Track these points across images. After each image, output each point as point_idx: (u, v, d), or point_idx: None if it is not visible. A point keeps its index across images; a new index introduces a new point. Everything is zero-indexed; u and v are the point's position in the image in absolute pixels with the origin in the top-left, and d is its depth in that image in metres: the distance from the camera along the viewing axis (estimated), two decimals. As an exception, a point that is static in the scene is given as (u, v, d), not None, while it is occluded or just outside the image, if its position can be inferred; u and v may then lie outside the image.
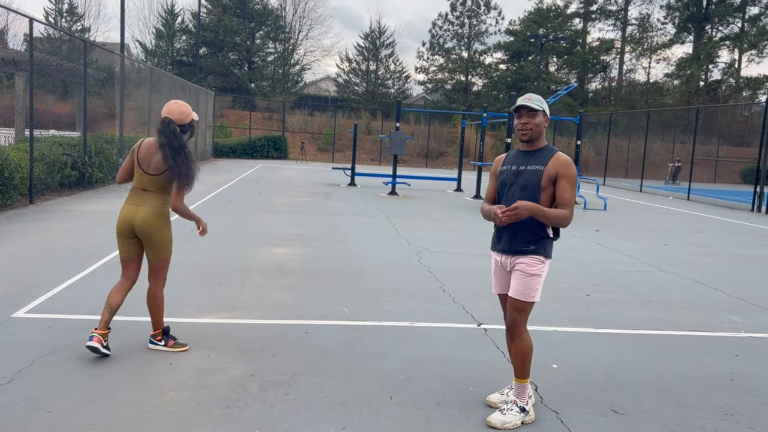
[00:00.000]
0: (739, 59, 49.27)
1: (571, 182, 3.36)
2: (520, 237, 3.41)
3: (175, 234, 8.62)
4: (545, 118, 3.45)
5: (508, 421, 3.36)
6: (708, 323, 5.64)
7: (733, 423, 3.56)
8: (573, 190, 3.37)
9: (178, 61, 43.57)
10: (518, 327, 3.45)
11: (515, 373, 3.47)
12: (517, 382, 3.46)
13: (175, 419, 3.23)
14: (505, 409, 3.41)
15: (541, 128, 3.44)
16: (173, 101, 4.28)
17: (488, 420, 3.38)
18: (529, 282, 3.39)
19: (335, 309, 5.40)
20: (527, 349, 3.45)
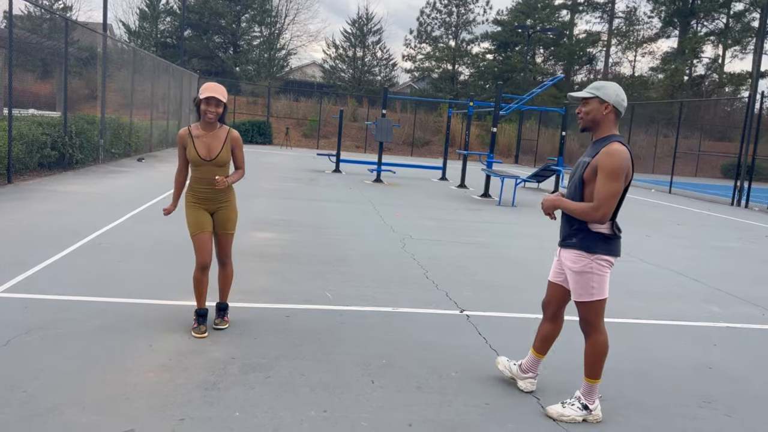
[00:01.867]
0: (723, 55, 49.70)
1: (605, 173, 3.12)
2: (563, 229, 3.38)
3: (154, 216, 8.54)
4: (603, 104, 3.25)
5: (566, 414, 3.34)
6: (687, 313, 5.70)
7: (711, 410, 3.60)
8: (606, 182, 3.11)
9: (162, 43, 42.93)
10: (586, 327, 3.37)
11: (584, 371, 3.39)
12: (585, 380, 3.39)
13: (152, 400, 3.19)
14: (566, 403, 3.40)
15: (595, 116, 3.27)
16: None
17: (546, 409, 3.41)
18: (579, 280, 3.30)
19: (318, 294, 5.37)
20: (598, 350, 3.34)
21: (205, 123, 4.14)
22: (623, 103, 3.29)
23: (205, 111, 4.05)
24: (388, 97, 18.40)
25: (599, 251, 3.24)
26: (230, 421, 3.04)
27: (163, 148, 22.46)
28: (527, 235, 9.46)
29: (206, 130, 4.15)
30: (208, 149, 4.13)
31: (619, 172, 3.13)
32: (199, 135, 4.14)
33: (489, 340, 4.53)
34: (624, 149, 3.17)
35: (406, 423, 3.16)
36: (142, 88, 20.01)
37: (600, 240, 3.24)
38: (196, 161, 4.13)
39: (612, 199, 3.13)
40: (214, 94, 4.01)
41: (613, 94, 3.26)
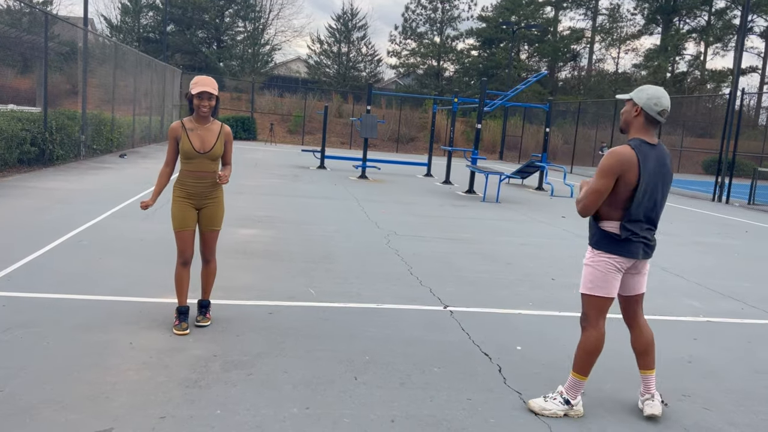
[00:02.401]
0: (705, 52, 50.24)
1: (597, 172, 3.24)
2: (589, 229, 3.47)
3: (136, 213, 8.46)
4: (634, 107, 3.28)
5: (548, 408, 3.36)
6: (669, 308, 5.76)
7: (690, 403, 3.64)
8: (594, 179, 3.24)
9: (145, 38, 42.53)
10: (583, 320, 3.41)
11: (573, 365, 3.41)
12: (571, 375, 3.40)
13: (133, 398, 3.16)
14: (548, 397, 3.41)
15: (627, 117, 3.33)
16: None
17: (528, 403, 3.43)
18: (583, 272, 3.41)
19: (301, 291, 5.36)
20: (587, 345, 3.34)
21: (198, 117, 4.14)
22: (655, 108, 3.24)
23: (199, 105, 4.06)
24: (372, 93, 18.37)
25: (603, 248, 3.30)
26: (211, 419, 3.02)
27: (146, 144, 22.26)
28: (511, 232, 9.50)
29: (200, 123, 4.16)
30: (202, 142, 4.14)
31: (607, 170, 3.19)
32: (193, 128, 4.14)
33: (472, 335, 4.54)
34: (624, 150, 3.21)
35: (389, 419, 3.16)
36: (124, 84, 19.80)
37: (606, 239, 3.29)
38: (190, 153, 4.12)
39: (593, 195, 3.21)
40: (205, 88, 4.01)
41: (645, 97, 3.26)
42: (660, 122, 3.29)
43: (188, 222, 4.19)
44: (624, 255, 3.27)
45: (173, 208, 4.22)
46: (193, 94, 4.03)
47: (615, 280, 3.32)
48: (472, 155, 15.52)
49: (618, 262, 3.29)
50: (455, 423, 3.17)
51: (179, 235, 4.19)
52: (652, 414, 3.36)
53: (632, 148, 3.21)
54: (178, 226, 4.18)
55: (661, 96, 3.24)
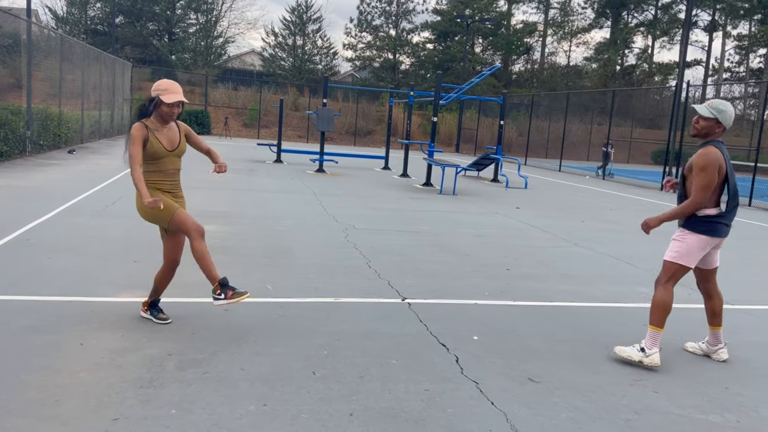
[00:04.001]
0: (652, 45, 51.65)
1: (696, 169, 3.92)
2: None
3: (86, 210, 8.22)
4: (718, 125, 4.00)
5: (625, 350, 4.07)
6: (620, 295, 5.92)
7: (641, 388, 3.76)
8: (696, 177, 3.91)
9: (93, 30, 41.26)
10: (658, 281, 4.15)
11: (649, 317, 4.08)
12: (649, 327, 4.07)
13: (84, 401, 3.08)
14: (633, 345, 4.09)
15: (709, 131, 4.02)
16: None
17: (614, 348, 4.15)
18: (672, 244, 4.13)
19: (259, 286, 5.30)
20: (661, 302, 4.05)
21: (162, 120, 4.06)
22: (731, 123, 4.07)
23: (170, 113, 4.01)
24: (328, 86, 18.28)
25: (697, 230, 4.01)
26: (166, 419, 2.97)
27: (96, 140, 21.64)
28: (467, 223, 9.60)
29: (161, 124, 4.09)
30: (169, 141, 4.11)
31: (712, 168, 3.91)
32: (157, 128, 4.06)
33: (430, 327, 4.58)
34: (715, 150, 3.94)
35: (348, 413, 3.16)
36: (71, 78, 19.16)
37: (703, 222, 4.00)
38: (161, 153, 4.03)
39: (704, 191, 3.92)
40: (181, 97, 4.00)
41: (729, 119, 4.01)
42: None
43: (176, 204, 4.05)
44: (715, 235, 4.02)
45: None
46: (167, 102, 3.95)
47: (698, 255, 4.06)
48: (429, 148, 15.61)
49: (707, 242, 4.02)
50: (413, 414, 3.20)
51: (177, 216, 3.98)
52: (725, 359, 4.26)
53: (716, 148, 3.97)
54: (171, 211, 3.98)
55: (732, 114, 4.05)
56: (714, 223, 4.01)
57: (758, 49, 50.65)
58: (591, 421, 3.26)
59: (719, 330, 4.31)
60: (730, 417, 3.44)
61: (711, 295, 4.31)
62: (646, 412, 3.43)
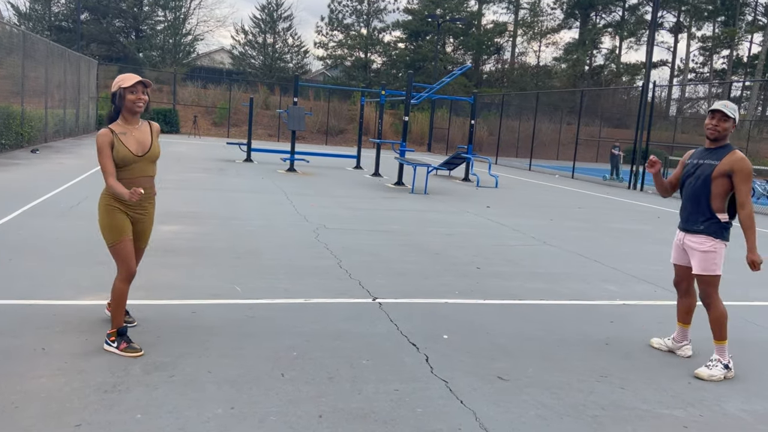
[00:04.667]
0: (620, 46, 52.54)
1: (743, 177, 3.91)
2: (691, 218, 4.12)
3: (50, 210, 8.03)
4: (733, 124, 3.99)
5: (714, 375, 3.99)
6: (588, 292, 5.99)
7: (608, 384, 3.81)
8: (745, 185, 3.92)
9: (57, 27, 40.37)
10: (708, 298, 4.09)
11: (714, 336, 4.07)
12: (716, 344, 4.06)
13: (46, 407, 3.00)
14: (711, 365, 4.03)
15: (727, 132, 4.01)
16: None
17: (696, 372, 4.03)
18: (705, 257, 4.03)
19: (227, 288, 5.24)
20: (721, 316, 4.04)
21: (129, 116, 3.75)
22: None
23: (135, 100, 3.68)
24: (299, 85, 18.17)
25: (722, 237, 4.03)
26: (131, 424, 2.91)
27: (60, 139, 21.17)
28: (439, 222, 9.64)
29: (130, 124, 3.77)
30: (139, 143, 3.76)
31: (752, 174, 3.97)
32: (125, 131, 3.73)
33: (400, 326, 4.58)
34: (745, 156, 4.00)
35: (317, 414, 3.14)
36: (35, 75, 18.70)
37: (725, 228, 4.03)
38: (128, 159, 3.70)
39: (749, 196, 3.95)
40: (139, 78, 3.68)
41: (737, 115, 4.05)
42: None
43: (127, 230, 3.78)
44: (728, 240, 4.08)
45: (107, 217, 3.74)
46: (126, 87, 3.65)
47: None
48: (401, 147, 15.62)
49: (727, 246, 4.08)
50: (383, 414, 3.19)
51: (121, 246, 3.74)
52: (689, 356, 4.32)
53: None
54: (119, 236, 3.73)
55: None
56: (729, 228, 4.08)
57: (721, 50, 51.91)
58: (559, 418, 3.30)
59: (688, 327, 4.38)
60: (694, 411, 3.51)
61: (691, 293, 4.34)
62: (612, 407, 3.48)
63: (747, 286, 6.66)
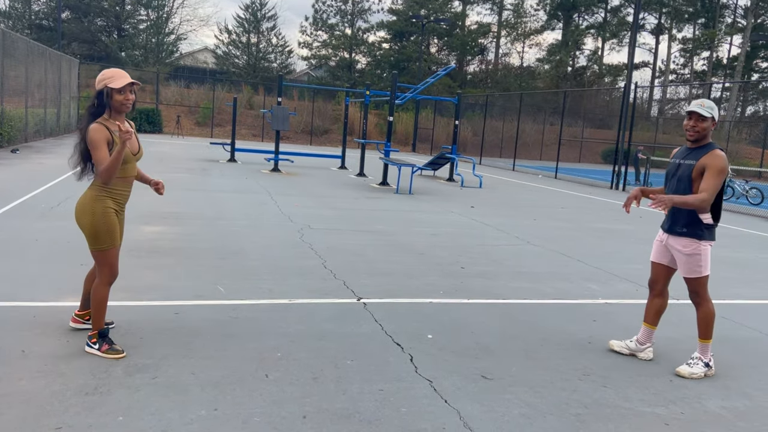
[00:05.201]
0: (602, 47, 53.00)
1: (713, 171, 3.84)
2: (675, 220, 4.07)
3: (30, 211, 7.92)
4: (713, 123, 3.95)
5: (695, 372, 4.02)
6: (571, 292, 6.04)
7: (590, 382, 3.84)
8: (713, 179, 3.84)
9: (38, 25, 39.90)
10: (697, 297, 4.10)
11: (699, 333, 4.10)
12: (701, 342, 4.09)
13: (25, 410, 2.96)
14: (692, 363, 4.07)
15: (707, 131, 3.97)
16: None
17: (677, 370, 4.06)
18: (690, 261, 4.02)
19: (210, 289, 5.21)
20: (709, 315, 4.06)
21: (117, 115, 3.66)
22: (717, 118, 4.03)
23: (123, 101, 3.60)
24: (283, 85, 18.11)
25: (705, 237, 3.99)
26: (113, 426, 2.88)
27: (41, 138, 20.91)
28: (423, 222, 9.65)
29: (119, 122, 3.65)
30: (131, 143, 3.72)
31: (725, 169, 3.88)
32: (116, 130, 3.59)
33: (385, 326, 4.58)
34: (724, 154, 3.92)
35: (301, 415, 3.13)
36: (14, 74, 18.46)
37: (703, 228, 3.99)
38: (127, 158, 3.67)
39: (715, 192, 3.87)
40: (129, 78, 3.59)
41: (716, 113, 3.98)
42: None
43: (119, 235, 3.76)
44: (714, 239, 4.06)
45: (104, 221, 3.63)
46: (116, 88, 3.55)
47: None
48: (385, 147, 15.63)
49: (713, 245, 4.07)
50: (367, 414, 3.19)
51: (112, 253, 3.68)
52: (650, 359, 4.28)
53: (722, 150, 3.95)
54: (113, 241, 3.68)
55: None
56: (713, 229, 4.05)
57: (701, 52, 52.54)
58: (542, 417, 3.32)
59: (655, 329, 4.33)
60: (675, 409, 3.55)
61: (664, 294, 4.31)
62: (595, 406, 3.50)
63: (725, 285, 6.75)
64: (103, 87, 3.58)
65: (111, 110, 3.64)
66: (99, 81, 3.61)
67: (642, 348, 4.31)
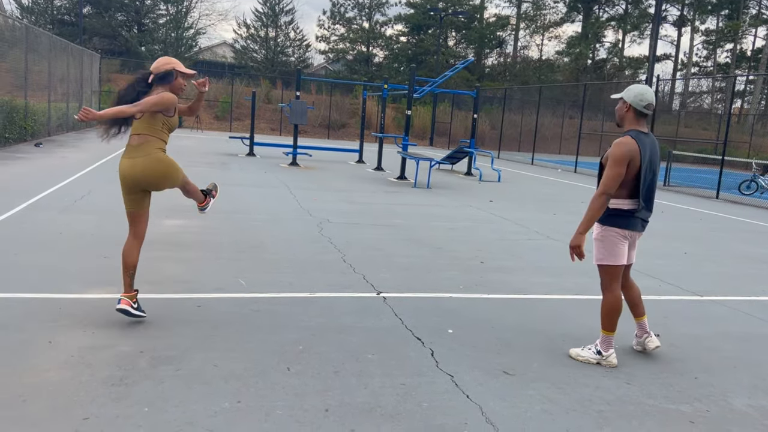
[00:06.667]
0: (623, 39, 52.32)
1: (610, 162, 3.78)
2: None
3: (54, 205, 8.04)
4: (625, 104, 3.88)
5: (582, 355, 4.04)
6: (591, 287, 5.98)
7: (614, 379, 3.81)
8: (609, 169, 3.78)
9: (60, 20, 40.32)
10: (602, 286, 4.04)
11: (601, 324, 4.03)
12: (601, 332, 4.03)
13: (53, 401, 3.01)
14: (585, 347, 4.10)
15: (619, 113, 3.93)
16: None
17: (570, 351, 4.10)
18: (595, 245, 4.02)
19: (231, 281, 5.25)
20: (609, 307, 3.97)
21: (174, 93, 4.29)
22: (641, 103, 3.85)
23: (182, 85, 4.33)
24: (301, 79, 18.14)
25: (611, 223, 3.90)
26: (138, 418, 2.92)
27: (63, 133, 21.18)
28: (441, 217, 9.63)
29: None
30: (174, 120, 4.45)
31: (620, 158, 3.76)
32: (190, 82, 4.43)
33: (405, 320, 4.58)
34: (628, 140, 3.79)
35: (323, 408, 3.14)
36: (38, 69, 18.69)
37: (614, 215, 3.89)
38: (175, 124, 4.44)
39: (613, 180, 3.77)
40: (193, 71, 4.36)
41: (632, 95, 3.85)
42: (647, 114, 3.91)
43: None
44: (628, 228, 3.91)
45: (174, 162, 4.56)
46: (185, 73, 4.28)
47: (623, 249, 3.95)
48: (403, 141, 15.60)
49: (624, 234, 3.91)
50: (389, 408, 3.20)
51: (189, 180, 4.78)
52: (656, 347, 4.17)
53: (633, 138, 3.80)
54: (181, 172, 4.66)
55: (645, 92, 3.85)
56: (629, 217, 3.89)
57: (725, 44, 51.68)
58: (564, 413, 3.30)
59: (644, 319, 4.25)
60: (700, 406, 3.51)
61: (627, 285, 4.21)
62: (618, 403, 3.48)
63: (750, 282, 6.65)
64: (171, 68, 4.19)
65: (168, 86, 4.21)
66: (165, 63, 4.18)
67: (642, 340, 4.26)
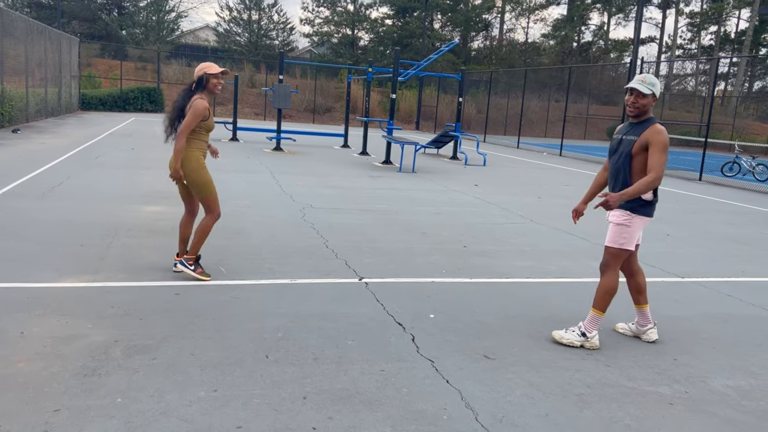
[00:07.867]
0: (608, 22, 52.31)
1: (658, 147, 3.78)
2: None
3: (31, 191, 7.89)
4: (654, 99, 3.90)
5: (566, 338, 4.02)
6: (573, 270, 5.99)
7: (593, 362, 3.80)
8: (659, 154, 3.78)
9: (36, 3, 39.51)
10: (605, 267, 4.02)
11: (594, 302, 4.03)
12: (591, 311, 4.03)
13: (23, 392, 2.94)
14: (569, 329, 4.07)
15: (648, 107, 3.92)
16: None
17: (552, 333, 4.08)
18: (616, 230, 3.97)
19: (211, 269, 5.17)
20: (608, 288, 3.97)
21: (208, 94, 4.73)
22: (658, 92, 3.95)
23: (216, 84, 4.67)
24: (285, 62, 17.93)
25: (639, 212, 3.92)
26: (111, 408, 2.86)
27: (42, 118, 20.82)
28: (426, 201, 9.59)
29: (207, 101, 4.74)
30: (210, 123, 4.80)
31: (668, 145, 3.83)
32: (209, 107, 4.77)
33: (386, 306, 4.54)
34: (664, 128, 3.86)
35: (301, 396, 3.10)
36: (14, 53, 18.30)
37: (644, 204, 3.91)
38: (212, 126, 4.79)
39: (663, 167, 3.81)
40: (222, 69, 4.64)
41: (657, 88, 3.91)
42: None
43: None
44: (651, 215, 3.99)
45: (206, 174, 4.80)
46: (212, 73, 4.62)
47: (638, 236, 4.03)
48: (388, 125, 15.51)
49: (646, 222, 3.98)
50: (368, 395, 3.16)
51: (216, 193, 4.92)
52: (655, 340, 4.20)
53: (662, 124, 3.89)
54: (214, 186, 4.90)
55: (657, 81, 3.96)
56: (653, 205, 3.95)
57: (709, 26, 51.81)
58: (545, 397, 3.28)
59: (647, 308, 4.21)
60: (679, 388, 3.51)
61: (635, 271, 4.20)
62: (597, 386, 3.47)
63: (731, 262, 6.69)
64: (202, 74, 4.65)
65: (206, 90, 4.70)
66: (199, 70, 4.67)
67: (644, 329, 4.23)
